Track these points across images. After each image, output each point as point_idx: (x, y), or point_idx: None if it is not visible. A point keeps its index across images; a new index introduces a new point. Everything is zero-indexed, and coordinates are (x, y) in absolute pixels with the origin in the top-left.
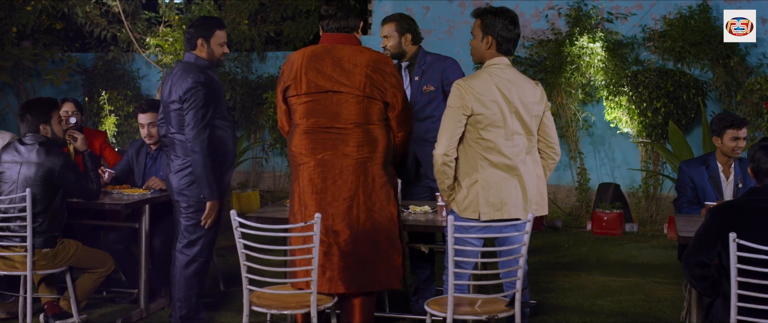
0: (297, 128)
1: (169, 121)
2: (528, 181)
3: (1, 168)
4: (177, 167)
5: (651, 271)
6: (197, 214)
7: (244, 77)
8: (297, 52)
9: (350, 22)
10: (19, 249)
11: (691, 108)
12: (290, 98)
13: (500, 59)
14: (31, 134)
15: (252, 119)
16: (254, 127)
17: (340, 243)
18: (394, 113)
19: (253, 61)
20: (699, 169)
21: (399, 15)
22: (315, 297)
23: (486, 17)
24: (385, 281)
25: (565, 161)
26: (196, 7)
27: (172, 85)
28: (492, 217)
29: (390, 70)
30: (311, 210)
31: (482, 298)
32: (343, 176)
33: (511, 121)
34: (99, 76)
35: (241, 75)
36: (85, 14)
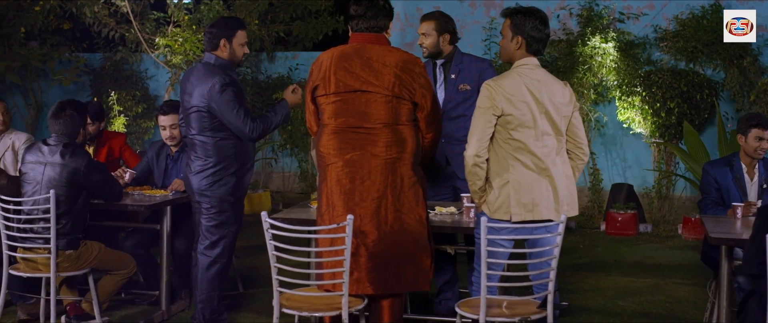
0: (325, 128)
1: (189, 123)
2: (558, 182)
3: (25, 168)
4: (198, 168)
5: (669, 272)
6: (218, 215)
7: (254, 77)
8: (326, 52)
9: (380, 22)
10: (43, 251)
11: (705, 108)
12: (319, 98)
13: (529, 59)
14: (55, 135)
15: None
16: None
17: (367, 244)
18: (423, 114)
19: (262, 61)
20: (723, 170)
21: (439, 13)
22: (346, 299)
23: (516, 17)
24: (413, 282)
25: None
26: (205, 8)
27: (192, 87)
28: (524, 218)
29: (419, 70)
30: (339, 211)
31: (513, 300)
32: (372, 176)
33: (540, 122)
34: (107, 77)
35: (250, 75)
36: (93, 14)
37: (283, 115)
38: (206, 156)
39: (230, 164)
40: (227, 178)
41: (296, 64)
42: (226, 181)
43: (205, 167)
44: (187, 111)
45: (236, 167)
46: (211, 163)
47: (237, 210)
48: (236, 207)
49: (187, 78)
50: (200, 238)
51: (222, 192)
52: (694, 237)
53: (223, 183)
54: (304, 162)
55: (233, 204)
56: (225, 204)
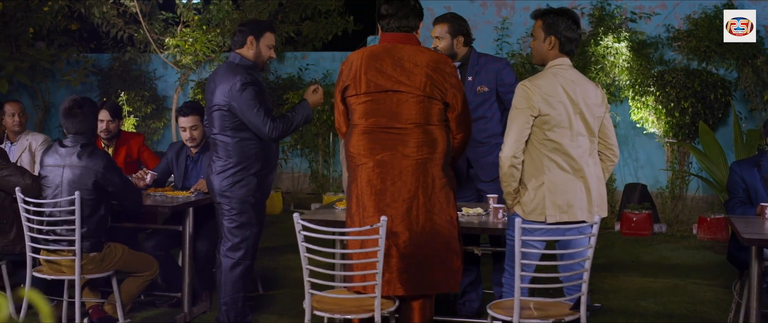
0: (355, 129)
1: (212, 122)
2: (591, 183)
3: (44, 172)
4: (219, 168)
5: (688, 272)
6: (239, 216)
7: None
8: (356, 52)
9: (411, 22)
10: (67, 253)
11: (719, 108)
12: (349, 98)
13: (563, 60)
14: (71, 135)
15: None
16: None
17: (399, 245)
18: (454, 114)
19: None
20: (751, 171)
21: (451, 15)
22: (379, 301)
23: (548, 17)
24: (444, 284)
25: None
26: (214, 8)
27: (214, 85)
28: (558, 220)
29: (450, 70)
30: (370, 212)
31: (544, 301)
32: (403, 177)
33: (575, 122)
34: (115, 77)
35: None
36: (101, 15)
37: (304, 115)
38: (227, 156)
39: (251, 164)
40: (248, 179)
41: (306, 64)
42: (248, 182)
43: (226, 167)
44: (210, 110)
45: (258, 167)
46: (232, 163)
47: (259, 211)
48: (258, 209)
49: (212, 77)
50: (222, 240)
51: (243, 193)
52: (710, 238)
53: (244, 184)
54: (315, 163)
55: (254, 205)
56: (246, 205)
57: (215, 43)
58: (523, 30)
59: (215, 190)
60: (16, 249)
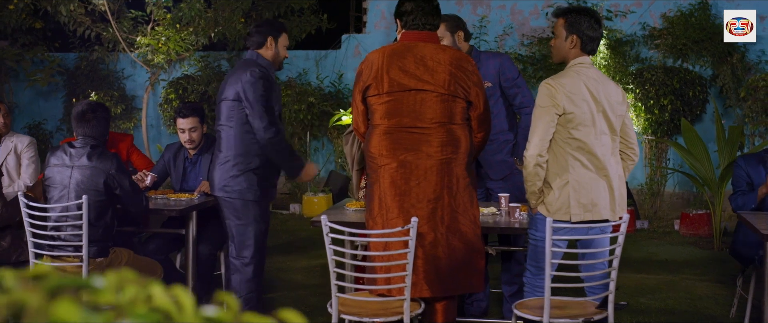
0: (376, 129)
1: (219, 115)
2: (614, 182)
3: (49, 173)
4: (221, 160)
5: (679, 268)
6: (243, 212)
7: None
8: (375, 52)
9: (433, 20)
10: (72, 258)
11: (697, 104)
12: (370, 98)
13: (585, 58)
14: (81, 138)
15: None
16: None
17: (424, 246)
18: (476, 112)
19: None
20: (757, 168)
21: (445, 15)
22: (408, 304)
23: (570, 16)
24: (468, 284)
25: None
26: (185, 6)
27: (226, 83)
28: (583, 219)
29: (472, 68)
30: (394, 213)
31: (568, 301)
32: (428, 177)
33: (598, 121)
34: (82, 77)
35: None
36: (68, 13)
37: (295, 163)
38: (227, 148)
39: (251, 159)
40: (248, 174)
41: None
42: (248, 177)
43: (227, 159)
44: (219, 105)
45: (257, 164)
46: (231, 155)
47: (261, 208)
48: (260, 206)
49: (226, 79)
50: (230, 239)
51: (243, 187)
52: (693, 233)
53: (245, 179)
54: None
55: (255, 202)
56: (247, 201)
57: (188, 42)
58: (499, 28)
59: (216, 185)
60: (12, 257)
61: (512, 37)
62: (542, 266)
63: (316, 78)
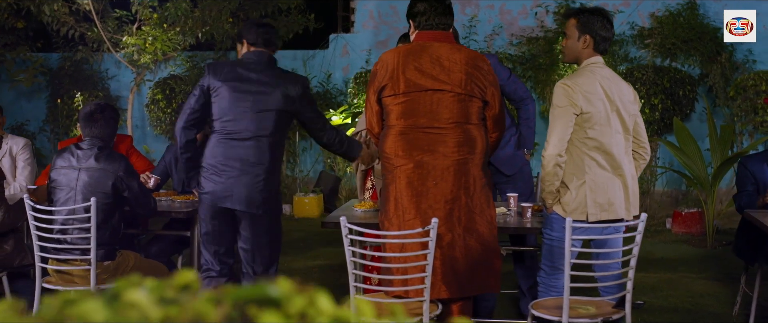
0: (391, 129)
1: (261, 124)
2: (628, 181)
3: (55, 174)
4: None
5: (675, 266)
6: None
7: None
8: (390, 52)
9: (446, 19)
10: (79, 262)
11: (687, 103)
12: (385, 98)
13: (598, 58)
14: (89, 139)
15: None
16: None
17: (442, 247)
18: (492, 112)
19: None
20: (761, 167)
21: None
22: (427, 306)
23: (583, 16)
24: (485, 285)
25: None
26: (171, 5)
27: (272, 88)
28: (600, 218)
29: (487, 68)
30: (410, 214)
31: (584, 300)
32: (445, 178)
33: (613, 120)
34: (65, 77)
35: None
36: (52, 12)
37: (353, 148)
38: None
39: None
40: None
41: None
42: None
43: (270, 171)
44: (261, 111)
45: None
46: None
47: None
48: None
49: (260, 80)
50: (252, 256)
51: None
52: (685, 231)
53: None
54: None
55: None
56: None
57: (175, 42)
58: (489, 28)
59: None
60: (15, 262)
61: (501, 36)
62: (557, 266)
63: None
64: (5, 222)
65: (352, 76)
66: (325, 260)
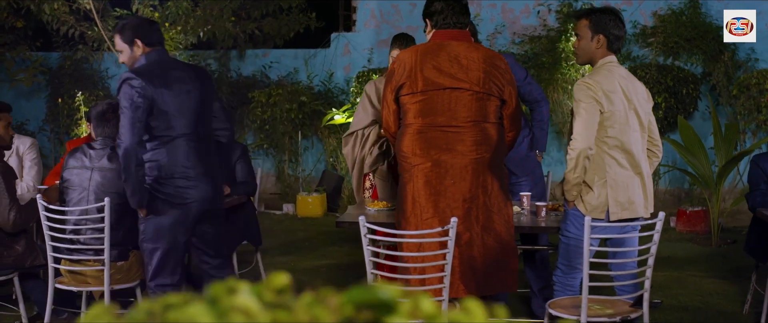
0: (408, 128)
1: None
2: (646, 179)
3: (68, 174)
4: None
5: (682, 265)
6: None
7: (225, 76)
8: (407, 50)
9: (463, 18)
10: (93, 263)
11: (690, 102)
12: (403, 97)
13: (612, 57)
14: (101, 139)
15: (235, 119)
16: (237, 127)
17: (460, 246)
18: (508, 111)
19: (231, 59)
20: None
21: None
22: (446, 305)
23: (594, 16)
24: (503, 284)
25: (561, 157)
26: (172, 4)
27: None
28: (620, 217)
29: (504, 66)
30: (428, 213)
31: (602, 299)
32: (464, 177)
33: (632, 119)
34: (65, 77)
35: (219, 73)
36: (52, 11)
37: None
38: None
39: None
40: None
41: (269, 62)
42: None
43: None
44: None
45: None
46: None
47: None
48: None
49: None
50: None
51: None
52: (690, 230)
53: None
54: (281, 163)
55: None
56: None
57: (177, 41)
58: (491, 26)
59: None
60: (27, 262)
61: (503, 35)
62: (575, 264)
63: (306, 77)
64: (17, 223)
65: (353, 75)
66: (332, 260)
